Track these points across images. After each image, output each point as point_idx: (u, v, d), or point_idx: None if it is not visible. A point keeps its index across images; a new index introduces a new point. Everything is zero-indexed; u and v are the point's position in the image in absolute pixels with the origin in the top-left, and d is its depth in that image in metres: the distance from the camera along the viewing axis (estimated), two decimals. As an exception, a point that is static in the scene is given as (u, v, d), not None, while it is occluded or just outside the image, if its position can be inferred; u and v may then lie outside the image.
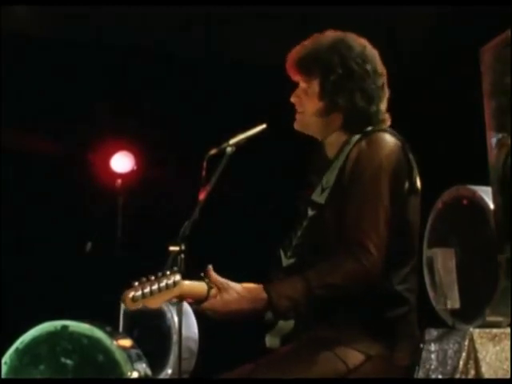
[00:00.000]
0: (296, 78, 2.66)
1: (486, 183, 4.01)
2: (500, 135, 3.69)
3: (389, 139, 2.50)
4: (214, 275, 2.41)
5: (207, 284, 2.40)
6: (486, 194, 4.07)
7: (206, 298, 2.39)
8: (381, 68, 2.63)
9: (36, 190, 6.65)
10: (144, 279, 2.33)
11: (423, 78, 6.70)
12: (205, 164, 2.59)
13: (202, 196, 2.56)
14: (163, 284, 2.33)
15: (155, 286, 2.32)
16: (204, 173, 2.58)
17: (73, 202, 6.70)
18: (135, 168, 6.75)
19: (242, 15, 6.62)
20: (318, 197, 2.53)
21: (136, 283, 2.32)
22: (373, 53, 2.63)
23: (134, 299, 2.30)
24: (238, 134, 2.68)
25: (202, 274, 2.41)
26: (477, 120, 3.90)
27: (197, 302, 2.41)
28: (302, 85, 2.64)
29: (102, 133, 6.74)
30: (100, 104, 6.83)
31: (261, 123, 2.69)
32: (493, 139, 3.70)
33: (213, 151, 2.63)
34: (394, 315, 2.44)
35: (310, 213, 2.55)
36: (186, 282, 2.38)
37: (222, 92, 6.97)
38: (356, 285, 2.36)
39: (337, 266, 2.38)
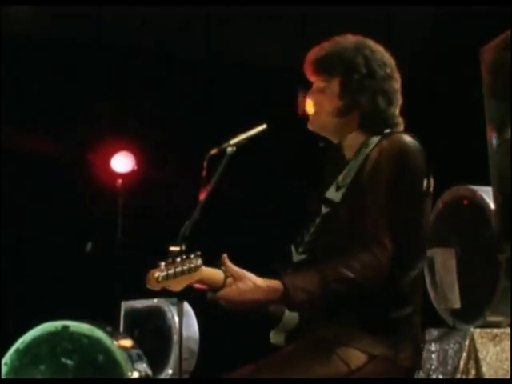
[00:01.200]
0: (312, 77, 2.65)
1: (486, 183, 4.01)
2: (500, 134, 3.69)
3: (410, 141, 2.51)
4: (229, 264, 2.40)
5: (224, 272, 2.38)
6: (487, 194, 4.08)
7: (222, 286, 2.38)
8: (397, 74, 2.65)
9: (36, 190, 6.65)
10: (170, 260, 2.31)
11: (423, 78, 6.70)
12: (205, 164, 2.58)
13: (202, 196, 2.55)
14: (186, 267, 2.31)
15: (179, 269, 2.30)
16: (204, 173, 2.57)
17: (73, 201, 6.70)
18: (135, 168, 6.75)
19: (241, 15, 6.63)
20: (333, 195, 2.53)
21: (162, 263, 2.30)
22: (391, 60, 2.66)
23: (158, 280, 2.28)
24: (239, 134, 2.67)
25: (220, 264, 2.40)
26: (477, 120, 3.90)
27: (212, 290, 2.40)
28: (319, 84, 2.63)
29: (102, 133, 6.74)
30: (100, 104, 6.83)
31: (261, 123, 2.68)
32: (493, 138, 3.70)
33: (213, 151, 2.62)
34: (398, 316, 2.43)
35: (324, 210, 2.55)
36: (206, 269, 2.37)
37: (221, 92, 6.97)
38: (371, 279, 2.36)
39: (352, 260, 2.37)
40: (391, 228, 2.37)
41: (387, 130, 2.56)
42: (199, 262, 2.34)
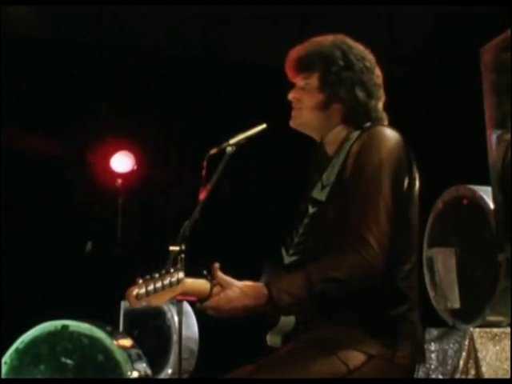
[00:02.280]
0: (294, 77, 2.68)
1: (486, 183, 4.01)
2: (500, 133, 3.69)
3: (390, 133, 2.52)
4: (219, 273, 2.41)
5: (210, 282, 2.39)
6: (486, 194, 4.07)
7: (209, 296, 2.38)
8: (378, 71, 2.67)
9: (36, 190, 6.65)
10: (148, 276, 2.31)
11: (423, 78, 6.70)
12: (205, 164, 2.58)
13: (202, 196, 2.55)
14: (167, 282, 2.31)
15: (159, 284, 2.30)
16: (204, 172, 2.58)
17: (73, 201, 6.69)
18: (135, 168, 6.75)
19: (241, 15, 6.63)
20: (319, 194, 2.54)
21: (140, 280, 2.29)
22: (371, 56, 2.69)
23: (138, 297, 2.28)
24: (238, 133, 2.68)
25: (205, 272, 2.41)
26: (477, 120, 3.90)
27: (199, 300, 2.40)
28: (300, 83, 2.66)
29: (102, 133, 6.74)
30: (100, 104, 6.83)
31: (261, 123, 2.69)
32: (493, 138, 3.70)
33: (213, 151, 2.63)
34: (395, 313, 2.43)
35: (311, 210, 2.55)
36: (189, 280, 2.36)
37: (221, 92, 6.97)
38: (357, 278, 2.36)
39: (337, 260, 2.38)
40: (376, 224, 2.37)
41: (368, 124, 2.57)
42: (180, 275, 2.33)
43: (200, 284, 2.38)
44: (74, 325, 4.37)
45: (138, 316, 5.47)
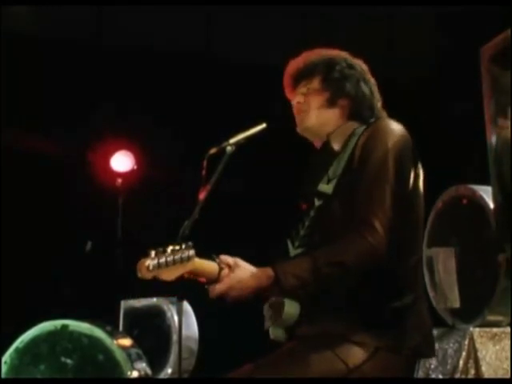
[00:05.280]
0: (294, 90, 2.72)
1: (486, 183, 4.02)
2: (500, 133, 3.69)
3: (395, 126, 2.55)
4: (221, 256, 2.44)
5: (218, 265, 2.41)
6: (486, 194, 4.08)
7: (217, 278, 2.39)
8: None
9: (36, 190, 6.65)
10: (161, 249, 2.32)
11: (423, 77, 6.71)
12: (205, 163, 2.59)
13: (201, 195, 2.56)
14: (178, 257, 2.32)
15: (170, 258, 2.31)
16: (204, 172, 2.58)
17: (73, 202, 6.70)
18: (135, 167, 6.75)
19: (242, 15, 6.64)
20: (325, 187, 2.56)
21: (153, 252, 2.31)
22: (364, 64, 2.75)
23: (149, 268, 2.29)
24: (238, 133, 2.68)
25: (214, 256, 2.42)
26: (477, 120, 3.90)
27: (207, 283, 2.42)
28: (302, 89, 2.69)
29: (102, 132, 6.74)
30: (100, 104, 6.84)
31: (261, 123, 2.69)
32: (493, 137, 3.70)
33: (213, 150, 2.64)
34: (400, 305, 2.43)
35: (317, 203, 2.57)
36: (199, 260, 2.39)
37: (221, 91, 6.98)
38: (362, 261, 2.37)
39: (344, 245, 2.40)
40: (382, 210, 2.39)
41: (373, 119, 2.61)
42: (191, 252, 2.35)
43: (209, 265, 2.41)
44: (74, 324, 4.37)
45: (137, 316, 5.47)
